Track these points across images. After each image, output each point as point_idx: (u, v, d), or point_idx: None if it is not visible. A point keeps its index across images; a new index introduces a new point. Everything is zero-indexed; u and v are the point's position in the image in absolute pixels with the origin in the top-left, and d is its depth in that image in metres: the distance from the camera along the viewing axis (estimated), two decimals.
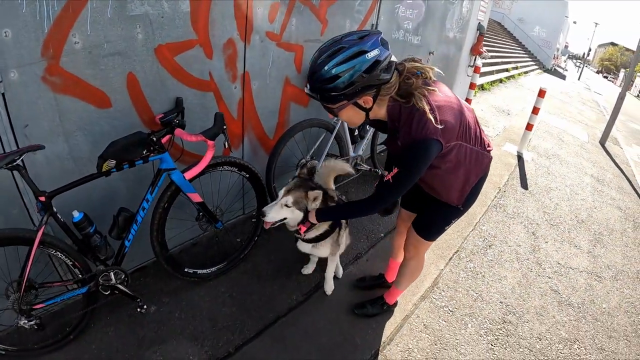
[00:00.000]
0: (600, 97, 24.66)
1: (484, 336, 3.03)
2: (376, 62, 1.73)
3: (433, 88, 1.90)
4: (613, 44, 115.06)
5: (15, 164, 1.92)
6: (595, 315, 3.48)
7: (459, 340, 2.95)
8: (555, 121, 11.64)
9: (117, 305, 2.74)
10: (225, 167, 2.81)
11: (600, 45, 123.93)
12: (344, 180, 4.71)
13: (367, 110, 1.93)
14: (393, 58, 1.81)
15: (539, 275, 3.84)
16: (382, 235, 4.03)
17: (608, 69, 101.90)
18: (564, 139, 9.51)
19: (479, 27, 7.57)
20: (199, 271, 3.02)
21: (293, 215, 2.47)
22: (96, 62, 2.19)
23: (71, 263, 2.31)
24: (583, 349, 3.11)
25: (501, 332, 3.09)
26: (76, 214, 2.25)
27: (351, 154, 4.27)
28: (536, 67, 28.07)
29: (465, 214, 2.46)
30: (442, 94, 1.92)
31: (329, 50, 1.76)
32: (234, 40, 2.87)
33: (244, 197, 3.60)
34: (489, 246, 4.16)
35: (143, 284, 2.99)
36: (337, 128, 3.86)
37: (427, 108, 1.79)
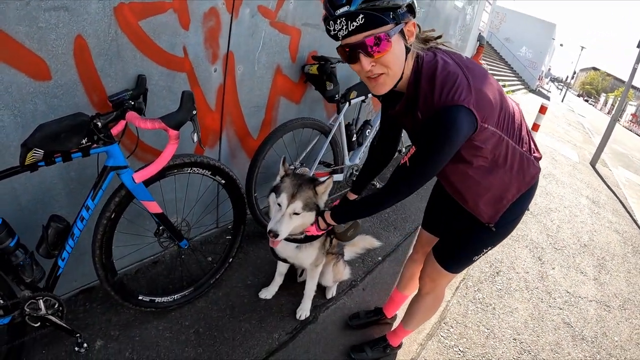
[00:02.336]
0: (584, 119, 26.81)
1: None
2: None
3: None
4: (595, 68, 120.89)
5: None
6: (608, 350, 3.34)
7: None
8: (546, 140, 12.20)
9: (55, 338, 2.31)
10: (194, 168, 2.33)
11: (582, 70, 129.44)
12: (337, 192, 4.43)
13: (407, 50, 1.49)
14: None
15: (550, 306, 3.66)
16: (380, 259, 3.61)
17: (589, 93, 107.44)
18: (556, 159, 9.85)
19: (479, 38, 7.84)
20: (158, 299, 2.54)
21: (304, 221, 2.17)
22: (34, 17, 1.75)
23: None
24: None
25: None
26: None
27: (346, 162, 3.85)
28: (522, 86, 29.33)
29: None
30: (474, 64, 1.58)
31: None
32: (218, 9, 2.45)
33: (218, 208, 3.20)
34: (497, 273, 3.94)
35: (88, 311, 2.53)
36: (332, 131, 3.44)
37: (461, 58, 1.53)
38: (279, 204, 2.11)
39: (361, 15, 1.35)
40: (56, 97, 1.96)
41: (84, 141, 1.79)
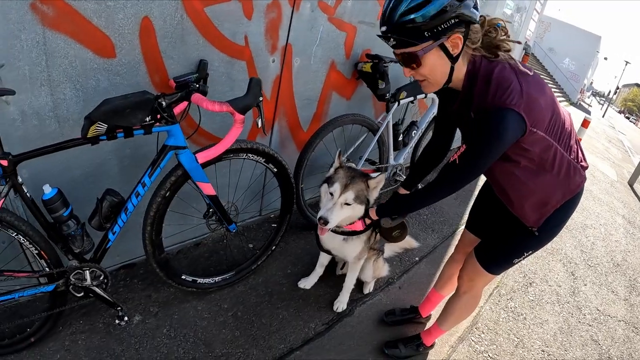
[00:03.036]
0: (624, 137, 25.85)
1: None
2: None
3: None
4: (638, 85, 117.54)
5: None
6: None
7: None
8: (585, 155, 11.72)
9: (93, 308, 2.37)
10: (250, 155, 2.36)
11: (624, 85, 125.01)
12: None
13: (453, 60, 1.58)
14: None
15: (579, 321, 3.58)
16: (417, 259, 3.60)
17: (630, 110, 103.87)
18: (594, 175, 9.60)
19: (525, 47, 7.62)
20: (200, 280, 2.58)
21: (353, 212, 2.18)
22: None
23: (36, 252, 1.90)
24: None
25: None
26: (47, 190, 1.82)
27: (391, 161, 3.83)
28: (563, 99, 28.29)
29: None
30: (530, 71, 1.62)
31: None
32: (280, 2, 2.48)
33: (264, 197, 3.22)
34: (530, 284, 3.88)
35: (128, 286, 2.58)
36: (380, 130, 3.43)
37: (518, 64, 1.57)
38: (331, 193, 2.13)
39: (393, 38, 1.53)
40: (119, 74, 2.00)
41: (147, 119, 1.83)
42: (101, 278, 2.12)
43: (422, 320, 2.83)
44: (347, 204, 2.12)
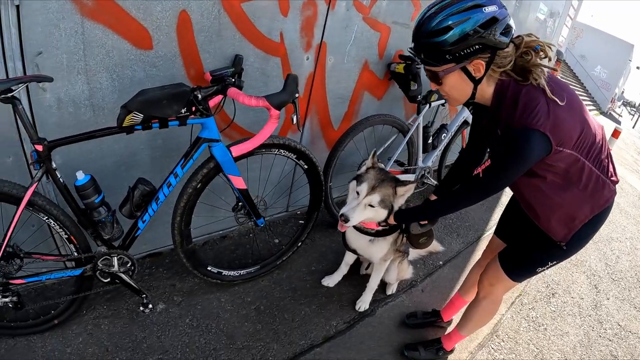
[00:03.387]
0: None
1: None
2: (493, 19, 1.50)
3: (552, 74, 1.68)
4: None
5: (11, 95, 1.54)
6: None
7: None
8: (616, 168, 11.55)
9: (117, 294, 2.41)
10: (282, 150, 2.37)
11: None
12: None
13: (476, 82, 1.64)
14: (511, 23, 1.56)
15: (600, 336, 3.49)
16: (441, 263, 3.58)
17: None
18: (623, 187, 9.33)
19: (558, 53, 7.40)
20: (225, 272, 2.60)
21: (376, 215, 2.17)
22: None
23: (66, 236, 1.95)
24: None
25: None
26: (80, 176, 1.85)
27: (420, 163, 3.80)
28: (593, 107, 27.67)
29: None
30: (562, 87, 1.64)
31: (441, 2, 1.55)
32: (316, 0, 2.50)
33: (291, 193, 3.25)
34: (552, 294, 3.82)
35: (153, 275, 2.63)
36: (411, 131, 3.42)
37: (547, 89, 1.55)
38: (358, 192, 2.13)
39: (420, 51, 1.63)
40: (155, 66, 2.03)
41: (183, 110, 1.85)
42: (128, 265, 2.15)
43: (444, 324, 2.81)
44: (371, 205, 2.12)
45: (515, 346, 2.98)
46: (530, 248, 2.01)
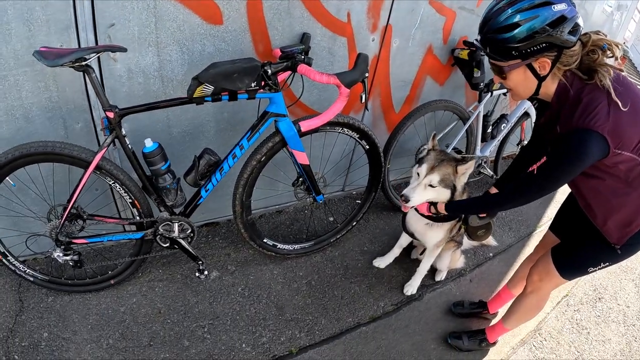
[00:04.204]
0: None
1: None
2: (562, 18, 1.46)
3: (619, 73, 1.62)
4: None
5: (85, 63, 1.61)
6: None
7: None
8: None
9: (173, 259, 2.50)
10: (345, 129, 2.39)
11: None
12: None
13: (540, 79, 1.62)
14: (580, 21, 1.51)
15: None
16: (491, 255, 3.53)
17: None
18: None
19: (624, 48, 6.84)
20: (280, 245, 2.66)
21: (438, 195, 2.19)
22: None
23: (130, 201, 2.03)
24: None
25: None
26: (149, 143, 1.92)
27: (477, 152, 3.75)
28: None
29: None
30: (628, 89, 1.60)
31: None
32: None
33: (349, 173, 3.25)
34: (599, 299, 3.71)
35: (209, 243, 2.71)
36: (471, 119, 3.37)
37: (611, 90, 1.50)
38: (418, 173, 2.15)
39: (487, 45, 1.62)
40: (224, 41, 2.06)
41: (253, 84, 1.88)
42: (188, 232, 2.22)
43: (489, 316, 2.81)
44: (431, 185, 2.13)
45: (556, 346, 2.96)
46: (584, 246, 1.99)
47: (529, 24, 1.46)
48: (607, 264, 1.95)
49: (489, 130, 3.74)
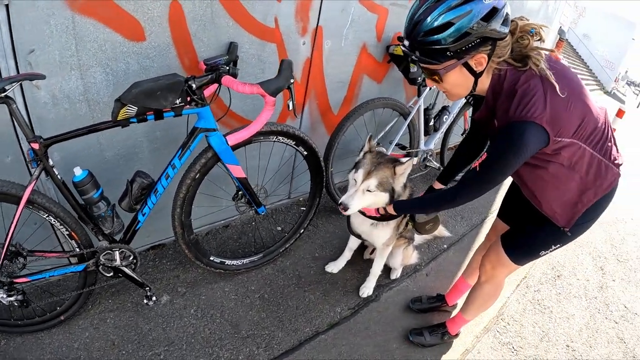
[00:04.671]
0: None
1: None
2: (494, 10, 1.43)
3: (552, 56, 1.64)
4: None
5: (4, 95, 1.54)
6: None
7: None
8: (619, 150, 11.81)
9: (122, 287, 2.41)
10: (280, 137, 2.34)
11: None
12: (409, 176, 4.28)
13: (477, 76, 1.60)
14: (508, 10, 1.49)
15: (606, 318, 3.50)
16: (446, 247, 3.57)
17: None
18: (628, 169, 9.09)
19: (560, 32, 7.13)
20: (228, 262, 2.60)
21: (376, 200, 2.16)
22: None
23: (67, 233, 1.94)
24: None
25: None
26: (78, 172, 1.83)
27: (421, 146, 3.79)
28: (597, 87, 27.46)
29: None
30: (563, 73, 1.60)
31: None
32: None
33: (292, 180, 3.22)
34: (558, 276, 3.83)
35: (157, 267, 2.62)
36: (412, 114, 3.39)
37: (547, 73, 1.50)
38: (355, 180, 2.12)
39: (417, 50, 1.53)
40: (149, 57, 2.00)
41: (177, 101, 1.81)
42: (130, 258, 2.14)
43: (448, 308, 2.81)
44: (369, 190, 2.10)
45: (520, 329, 2.99)
46: (533, 232, 1.99)
47: (462, 21, 1.41)
48: (558, 245, 1.97)
49: (432, 123, 3.78)
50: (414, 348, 2.53)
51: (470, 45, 1.46)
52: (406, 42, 1.56)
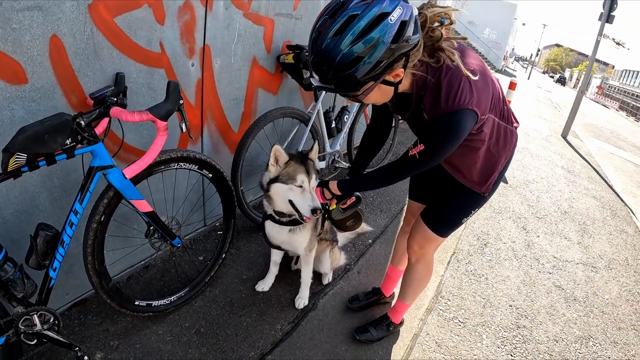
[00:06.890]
0: (551, 95, 27.40)
1: (502, 347, 2.81)
2: (403, 25, 1.35)
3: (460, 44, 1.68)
4: (557, 45, 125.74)
5: None
6: (601, 308, 3.51)
7: (477, 356, 2.69)
8: (516, 116, 12.74)
9: (53, 354, 2.21)
10: (181, 163, 2.24)
11: (545, 47, 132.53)
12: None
13: (397, 85, 1.60)
14: (415, 11, 1.42)
15: (540, 271, 3.82)
16: (370, 241, 3.63)
17: (554, 69, 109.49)
18: (529, 133, 10.08)
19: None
20: (155, 303, 2.45)
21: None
22: (7, 19, 1.66)
23: None
24: (598, 345, 3.07)
25: (518, 339, 2.91)
26: None
27: (327, 149, 3.82)
28: (489, 67, 28.95)
29: None
30: (469, 55, 1.68)
31: (335, 24, 1.36)
32: (192, 3, 2.39)
33: (205, 205, 3.12)
34: (485, 245, 4.05)
35: (83, 324, 2.43)
36: (312, 119, 3.41)
37: (461, 65, 1.52)
38: (301, 185, 2.12)
39: (332, 84, 1.49)
40: (34, 100, 1.87)
41: (68, 141, 1.70)
42: (51, 320, 1.96)
43: (387, 299, 2.84)
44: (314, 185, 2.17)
45: (462, 302, 3.11)
46: (452, 202, 2.09)
47: (372, 52, 1.35)
48: (477, 208, 2.09)
49: (334, 125, 3.84)
50: (363, 346, 2.53)
51: (384, 68, 1.42)
52: (316, 79, 1.50)
